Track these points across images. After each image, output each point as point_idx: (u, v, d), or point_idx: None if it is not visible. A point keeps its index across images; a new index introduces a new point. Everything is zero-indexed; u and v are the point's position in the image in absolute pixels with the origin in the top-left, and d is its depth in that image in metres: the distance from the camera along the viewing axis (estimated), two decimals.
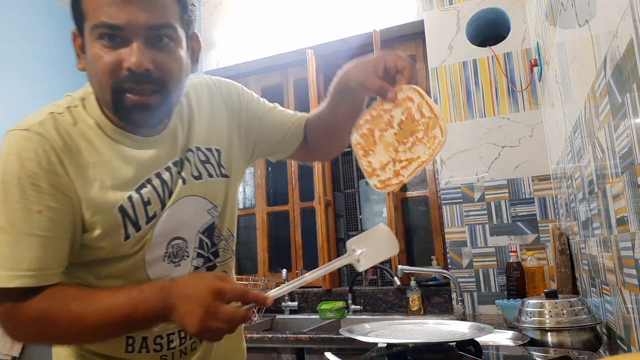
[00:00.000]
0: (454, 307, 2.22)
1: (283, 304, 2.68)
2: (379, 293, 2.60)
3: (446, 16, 2.56)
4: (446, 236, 2.41)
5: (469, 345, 1.04)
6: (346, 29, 2.85)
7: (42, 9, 3.21)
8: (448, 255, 2.40)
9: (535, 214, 2.26)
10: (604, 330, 1.25)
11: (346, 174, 3.36)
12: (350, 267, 3.06)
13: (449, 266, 2.38)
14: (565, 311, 1.20)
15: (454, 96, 2.49)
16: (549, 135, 2.17)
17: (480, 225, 2.35)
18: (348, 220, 3.37)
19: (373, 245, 0.86)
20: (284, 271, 2.74)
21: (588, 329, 1.18)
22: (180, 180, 0.87)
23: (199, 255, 0.92)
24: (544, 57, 1.94)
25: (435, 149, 0.81)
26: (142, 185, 0.83)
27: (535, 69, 2.21)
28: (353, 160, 3.30)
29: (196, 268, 0.91)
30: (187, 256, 0.90)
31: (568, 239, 1.80)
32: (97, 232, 0.79)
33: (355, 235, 0.98)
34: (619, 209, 0.93)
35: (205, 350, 0.97)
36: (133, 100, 0.78)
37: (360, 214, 3.13)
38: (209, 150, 0.94)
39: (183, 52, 0.85)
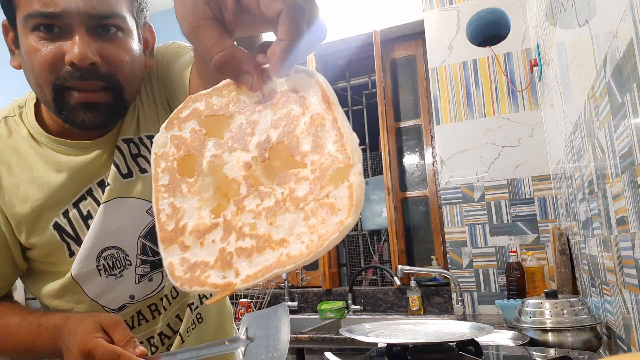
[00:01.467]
0: (454, 307, 2.22)
1: None
2: (379, 293, 2.60)
3: (446, 16, 2.56)
4: (446, 236, 2.41)
5: (469, 345, 1.04)
6: (346, 29, 2.85)
7: None
8: (448, 255, 2.40)
9: (535, 214, 2.26)
10: (604, 330, 1.25)
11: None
12: (350, 268, 3.06)
13: (449, 266, 2.38)
14: (565, 311, 1.20)
15: (454, 96, 2.49)
16: (549, 135, 2.17)
17: (480, 225, 2.35)
18: None
19: (264, 336, 0.68)
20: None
21: (588, 329, 1.18)
22: (109, 183, 0.76)
23: (143, 262, 0.80)
24: (544, 57, 1.94)
25: (325, 240, 0.36)
26: (82, 198, 0.74)
27: (535, 69, 2.21)
28: None
29: (142, 276, 0.80)
30: (130, 264, 0.79)
31: (568, 239, 1.80)
32: (36, 253, 0.74)
33: (354, 234, 0.96)
34: (619, 209, 0.93)
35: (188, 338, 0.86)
36: (79, 98, 0.67)
37: (361, 214, 3.13)
38: (140, 139, 0.78)
39: (135, 44, 0.72)
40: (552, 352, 1.12)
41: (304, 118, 0.40)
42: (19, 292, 2.46)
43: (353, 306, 2.55)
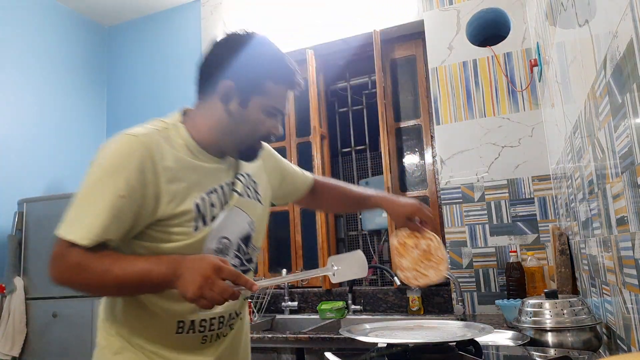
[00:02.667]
0: (454, 307, 2.22)
1: (283, 304, 2.68)
2: (379, 293, 2.60)
3: (446, 16, 2.56)
4: (446, 236, 2.41)
5: (469, 345, 1.04)
6: (346, 29, 2.85)
7: (43, 10, 3.21)
8: (448, 255, 2.40)
9: (535, 214, 2.26)
10: (604, 330, 1.25)
11: (346, 174, 3.36)
12: None
13: (449, 266, 2.38)
14: (565, 311, 1.20)
15: (454, 96, 2.49)
16: (549, 135, 2.17)
17: (480, 225, 2.35)
18: (348, 220, 3.37)
19: (347, 266, 1.09)
20: (284, 271, 2.74)
21: (588, 329, 1.18)
22: (234, 194, 1.11)
23: (236, 256, 1.12)
24: (544, 57, 1.94)
25: (439, 277, 1.23)
26: (211, 192, 1.06)
27: (535, 69, 2.21)
28: (353, 160, 3.30)
29: (233, 267, 1.03)
30: (229, 255, 1.10)
31: (568, 239, 1.80)
32: (178, 220, 1.00)
33: (354, 234, 1.04)
34: (619, 209, 0.93)
35: (233, 337, 1.17)
36: (259, 148, 1.14)
37: (360, 214, 3.13)
38: (251, 179, 1.19)
39: None
40: (552, 352, 1.12)
41: (433, 244, 1.28)
42: (18, 292, 2.46)
43: (353, 306, 2.55)
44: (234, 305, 1.12)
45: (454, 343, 1.04)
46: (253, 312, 2.57)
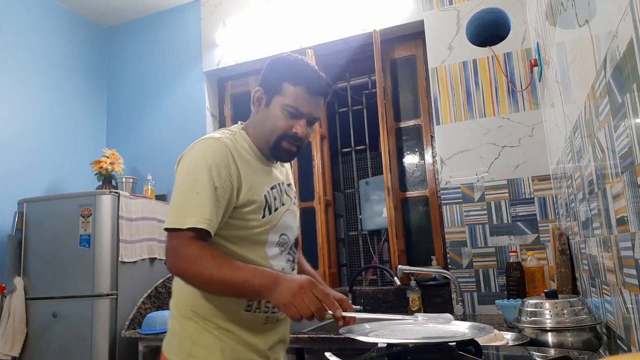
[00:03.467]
0: (454, 307, 2.22)
1: None
2: (379, 293, 2.60)
3: (446, 16, 2.56)
4: (446, 236, 2.41)
5: (469, 345, 1.04)
6: (346, 29, 2.85)
7: (43, 10, 3.21)
8: (448, 255, 2.40)
9: (535, 214, 2.26)
10: (604, 330, 1.25)
11: (346, 174, 3.36)
12: (350, 268, 3.06)
13: (449, 266, 2.38)
14: (565, 311, 1.20)
15: (454, 96, 2.49)
16: (549, 135, 2.17)
17: (480, 225, 2.35)
18: (348, 220, 3.37)
19: (433, 318, 1.16)
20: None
21: (588, 329, 1.18)
22: (288, 197, 1.30)
23: (289, 254, 1.29)
24: (544, 57, 1.94)
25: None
26: (272, 187, 1.25)
27: (535, 69, 2.21)
28: (353, 160, 3.30)
29: (287, 261, 1.28)
30: (285, 251, 1.28)
31: (568, 239, 1.80)
32: (252, 207, 1.18)
33: (354, 234, 1.05)
34: (619, 209, 0.93)
35: (285, 325, 1.31)
36: (287, 148, 1.24)
37: (360, 214, 3.13)
38: (292, 190, 1.37)
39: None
40: (552, 352, 1.12)
41: None
42: (18, 292, 2.46)
43: (353, 306, 2.54)
44: None
45: (454, 343, 1.04)
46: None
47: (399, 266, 2.30)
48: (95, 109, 3.47)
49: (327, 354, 0.98)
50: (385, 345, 1.08)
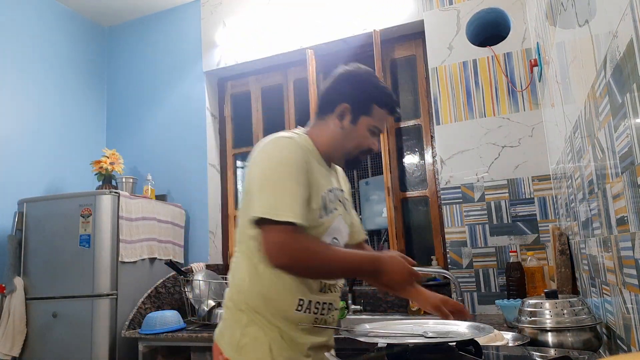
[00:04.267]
0: None
1: None
2: (379, 293, 2.60)
3: (446, 16, 2.56)
4: (446, 236, 2.41)
5: (469, 345, 1.04)
6: (346, 29, 2.85)
7: (43, 11, 3.21)
8: (448, 255, 2.40)
9: (535, 214, 2.26)
10: (604, 330, 1.25)
11: (346, 174, 3.35)
12: None
13: (449, 266, 2.38)
14: (565, 311, 1.20)
15: (454, 96, 2.49)
16: (549, 135, 2.17)
17: (480, 225, 2.35)
18: None
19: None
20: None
21: (588, 329, 1.18)
22: (341, 203, 1.37)
23: None
24: (544, 57, 1.94)
25: None
26: (329, 190, 1.31)
27: (535, 69, 2.21)
28: None
29: None
30: None
31: (568, 239, 1.80)
32: (313, 205, 1.23)
33: None
34: (619, 209, 0.92)
35: (331, 330, 1.36)
36: (362, 159, 1.39)
37: (360, 214, 3.13)
38: (345, 196, 1.43)
39: None
40: (552, 352, 1.12)
41: None
42: (18, 292, 2.46)
43: (353, 306, 2.55)
44: (335, 297, 1.34)
45: (454, 343, 1.04)
46: None
47: None
48: (95, 109, 3.47)
49: (327, 354, 0.98)
50: (385, 345, 1.08)
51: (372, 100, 1.32)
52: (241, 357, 1.21)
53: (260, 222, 1.14)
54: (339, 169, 1.50)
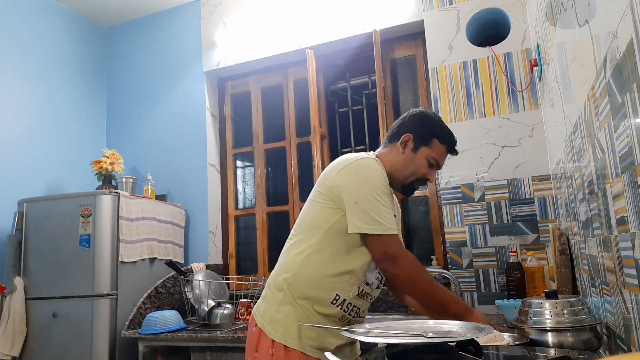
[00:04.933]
0: None
1: None
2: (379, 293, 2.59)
3: (446, 16, 2.56)
4: (446, 236, 2.41)
5: (469, 345, 1.04)
6: (346, 29, 2.85)
7: (42, 10, 3.21)
8: (448, 255, 2.40)
9: (535, 214, 2.26)
10: (604, 330, 1.25)
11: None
12: None
13: (449, 266, 2.38)
14: (565, 311, 1.20)
15: (454, 96, 2.49)
16: (549, 135, 2.17)
17: (480, 225, 2.35)
18: None
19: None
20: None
21: (588, 329, 1.18)
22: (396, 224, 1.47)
23: (379, 272, 1.45)
24: (544, 57, 1.94)
25: None
26: (394, 215, 1.42)
27: (535, 69, 2.21)
28: None
29: (376, 278, 1.45)
30: (376, 269, 1.43)
31: (568, 239, 1.80)
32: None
33: None
34: (619, 209, 0.92)
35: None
36: (416, 187, 1.52)
37: None
38: (397, 219, 1.52)
39: None
40: (552, 352, 1.12)
41: None
42: (18, 292, 2.46)
43: None
44: (365, 305, 1.45)
45: (454, 343, 1.04)
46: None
47: None
48: (95, 109, 3.47)
49: (327, 354, 0.98)
50: (385, 345, 1.08)
51: (433, 134, 1.46)
52: (271, 328, 1.35)
53: (366, 236, 1.32)
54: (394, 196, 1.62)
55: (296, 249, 1.40)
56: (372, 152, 1.54)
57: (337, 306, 1.37)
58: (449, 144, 1.48)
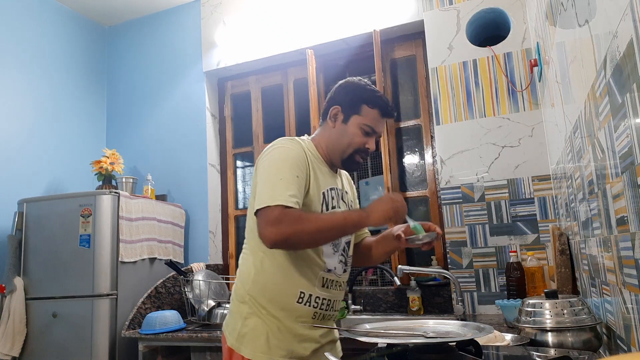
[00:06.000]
0: (454, 307, 2.22)
1: None
2: (379, 293, 2.60)
3: (446, 16, 2.56)
4: (446, 236, 2.41)
5: (469, 345, 1.04)
6: (346, 29, 2.85)
7: (42, 10, 3.21)
8: (448, 255, 2.40)
9: (535, 214, 2.26)
10: (604, 330, 1.25)
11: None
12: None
13: (449, 266, 2.38)
14: (565, 311, 1.20)
15: (454, 96, 2.49)
16: (549, 135, 2.17)
17: (480, 225, 2.35)
18: None
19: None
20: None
21: (588, 329, 1.18)
22: (344, 202, 1.45)
23: (341, 255, 1.41)
24: (544, 57, 1.94)
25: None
26: (331, 188, 1.40)
27: (535, 69, 2.21)
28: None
29: (339, 262, 1.40)
30: (337, 251, 1.39)
31: (568, 239, 1.80)
32: (313, 198, 1.33)
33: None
34: (619, 209, 0.92)
35: (332, 321, 1.44)
36: (357, 160, 1.43)
37: None
38: (348, 196, 1.50)
39: None
40: (552, 352, 1.12)
41: None
42: (18, 292, 2.46)
43: (353, 306, 2.55)
44: (336, 295, 1.41)
45: (454, 343, 1.04)
46: None
47: (399, 266, 2.31)
48: (95, 109, 3.47)
49: (327, 354, 0.98)
50: (385, 345, 1.08)
51: (361, 100, 1.40)
52: (241, 346, 1.30)
53: (257, 211, 1.22)
54: (345, 174, 1.57)
55: (249, 257, 1.36)
56: (306, 135, 1.48)
57: (305, 304, 1.32)
58: (381, 107, 1.40)
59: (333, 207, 1.38)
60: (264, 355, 1.28)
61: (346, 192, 1.50)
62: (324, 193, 1.37)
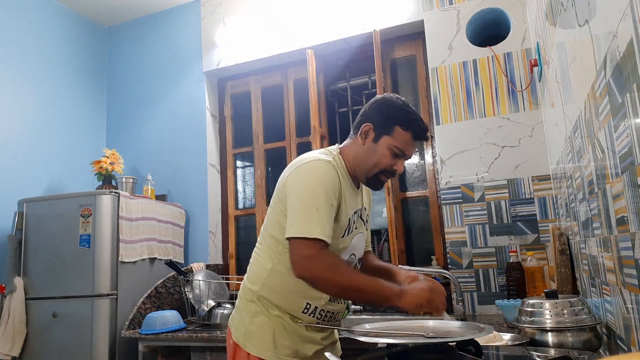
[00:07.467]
0: (454, 307, 2.22)
1: None
2: None
3: (446, 16, 2.56)
4: (446, 236, 2.41)
5: (469, 345, 1.04)
6: (346, 29, 2.85)
7: (43, 10, 3.21)
8: (448, 255, 2.40)
9: (535, 214, 2.26)
10: (604, 330, 1.25)
11: None
12: None
13: (449, 266, 2.38)
14: (565, 311, 1.20)
15: (454, 96, 2.49)
16: (549, 135, 2.17)
17: (480, 225, 2.35)
18: None
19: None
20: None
21: (588, 329, 1.18)
22: (362, 220, 1.45)
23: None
24: (544, 57, 1.94)
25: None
26: (355, 212, 1.39)
27: (535, 69, 2.21)
28: None
29: None
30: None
31: (568, 239, 1.80)
32: (339, 225, 1.32)
33: None
34: (619, 209, 0.92)
35: (333, 333, 1.47)
36: (383, 180, 1.40)
37: None
38: (366, 212, 1.49)
39: None
40: (552, 352, 1.12)
41: None
42: (18, 292, 2.46)
43: (353, 306, 2.55)
44: (340, 308, 1.43)
45: (454, 343, 1.04)
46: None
47: (399, 266, 2.30)
48: (95, 109, 3.47)
49: (327, 354, 0.98)
50: (385, 345, 1.08)
51: (394, 121, 1.36)
52: (247, 342, 1.33)
53: (292, 238, 1.22)
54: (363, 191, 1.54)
55: (262, 261, 1.37)
56: (336, 145, 1.46)
57: (310, 314, 1.35)
58: (414, 131, 1.36)
59: (352, 231, 1.38)
60: (270, 353, 1.30)
61: (364, 209, 1.48)
62: (349, 218, 1.36)
